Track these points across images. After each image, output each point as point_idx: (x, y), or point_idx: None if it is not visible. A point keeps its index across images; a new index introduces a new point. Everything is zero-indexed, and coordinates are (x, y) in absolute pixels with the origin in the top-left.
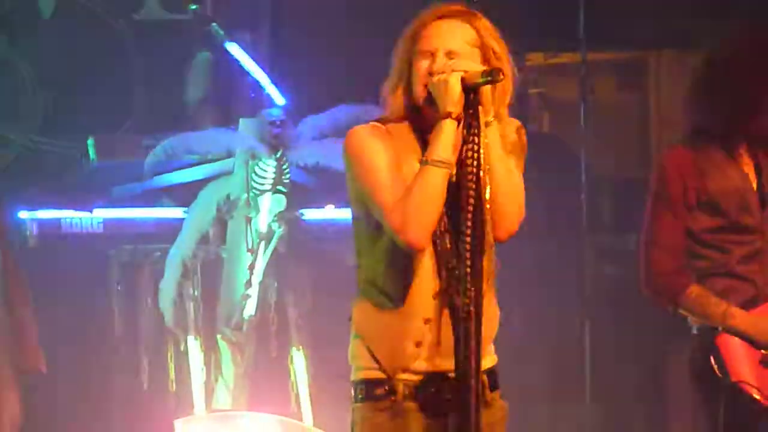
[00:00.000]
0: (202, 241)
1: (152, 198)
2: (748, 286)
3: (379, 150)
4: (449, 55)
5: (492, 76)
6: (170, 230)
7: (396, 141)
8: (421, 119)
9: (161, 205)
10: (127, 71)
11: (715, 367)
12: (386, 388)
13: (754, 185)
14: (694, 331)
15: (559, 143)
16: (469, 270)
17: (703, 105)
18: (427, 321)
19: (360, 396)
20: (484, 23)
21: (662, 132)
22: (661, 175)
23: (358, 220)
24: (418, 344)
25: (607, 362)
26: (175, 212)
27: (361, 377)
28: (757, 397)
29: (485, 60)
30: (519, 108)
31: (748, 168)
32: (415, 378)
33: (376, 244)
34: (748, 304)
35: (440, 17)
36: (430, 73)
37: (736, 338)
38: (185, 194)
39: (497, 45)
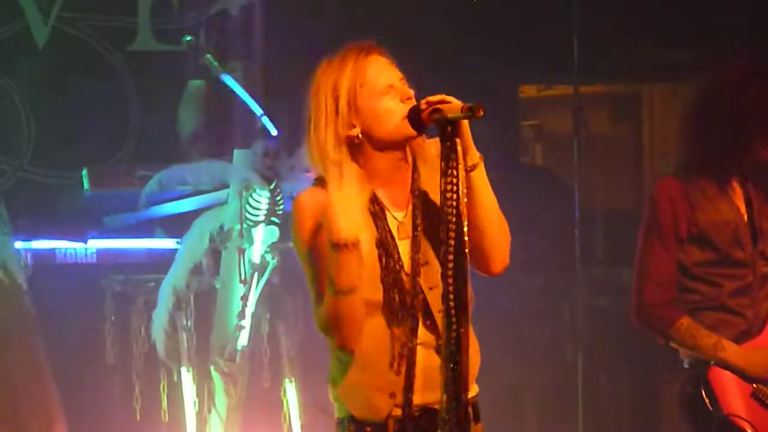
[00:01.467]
0: (195, 271)
1: (146, 228)
2: (739, 320)
3: (309, 231)
4: (402, 81)
5: (472, 112)
6: (163, 260)
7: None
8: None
9: (155, 236)
10: (120, 101)
11: (707, 400)
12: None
13: (746, 218)
14: (685, 365)
15: (552, 176)
16: (452, 304)
17: (694, 137)
18: (398, 373)
19: (350, 430)
20: (387, 53)
21: (656, 164)
22: (652, 205)
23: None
24: (392, 395)
25: (600, 393)
26: (168, 243)
27: (349, 415)
28: (749, 431)
29: None
30: (512, 140)
31: (740, 201)
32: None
33: None
34: (739, 338)
35: (368, 54)
36: (408, 98)
37: (727, 371)
38: (179, 225)
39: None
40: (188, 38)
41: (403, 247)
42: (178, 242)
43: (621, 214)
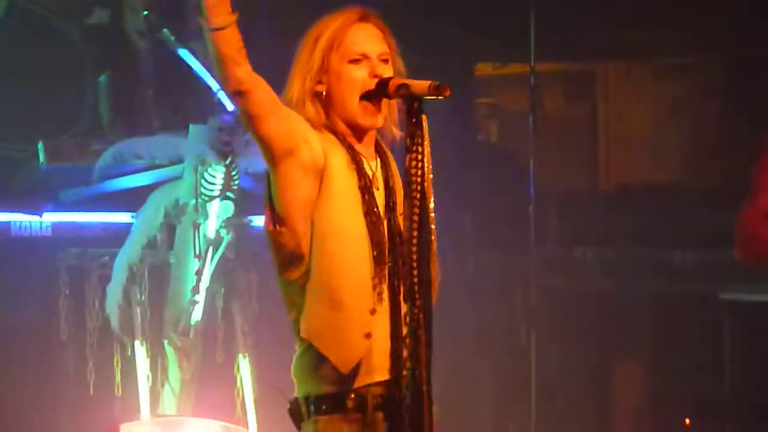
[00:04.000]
0: (149, 246)
1: (101, 202)
2: None
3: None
4: (381, 58)
5: (439, 90)
6: (118, 235)
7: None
8: (335, 128)
9: (109, 210)
10: (77, 75)
11: None
12: (354, 400)
13: None
14: None
15: (507, 154)
16: (416, 279)
17: None
18: (372, 312)
19: (324, 408)
20: (389, 31)
21: (611, 144)
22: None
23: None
24: (367, 335)
25: (553, 373)
26: (123, 217)
27: (323, 392)
28: None
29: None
30: (467, 118)
31: None
32: (379, 389)
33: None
34: None
35: (360, 20)
36: (376, 75)
37: None
38: (134, 199)
39: (397, 56)
40: (145, 12)
41: (378, 197)
42: (133, 216)
43: (576, 193)
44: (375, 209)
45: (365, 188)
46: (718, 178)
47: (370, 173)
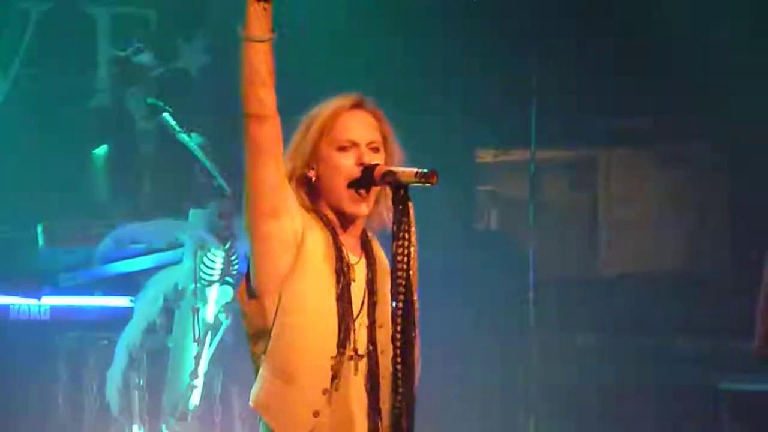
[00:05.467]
0: (148, 330)
1: (100, 286)
2: None
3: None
4: (371, 147)
5: (426, 177)
6: (117, 319)
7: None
8: (322, 213)
9: (109, 294)
10: (78, 156)
11: None
12: None
13: None
14: None
15: (507, 241)
16: (400, 369)
17: None
18: (325, 392)
19: None
20: (385, 119)
21: (611, 230)
22: None
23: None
24: (315, 414)
25: None
26: (122, 301)
27: None
28: None
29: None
30: (468, 204)
31: None
32: None
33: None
34: None
35: (353, 107)
36: (362, 164)
37: None
38: (133, 283)
39: (393, 143)
40: (150, 100)
41: (355, 288)
42: (132, 300)
43: (576, 279)
44: (347, 294)
45: (341, 271)
46: (720, 267)
47: (348, 262)
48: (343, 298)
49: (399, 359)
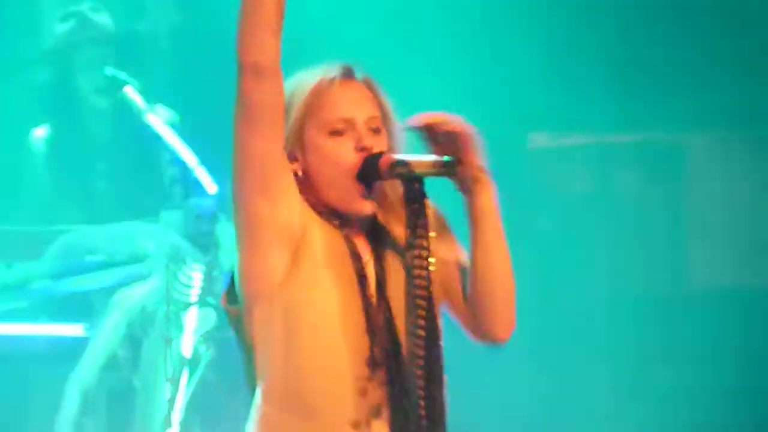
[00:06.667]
0: (108, 365)
1: (46, 310)
2: None
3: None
4: (370, 124)
5: (448, 167)
6: (68, 351)
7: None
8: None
9: (57, 320)
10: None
11: None
12: None
13: None
14: None
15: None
16: (423, 405)
17: None
18: (356, 425)
19: None
20: (382, 90)
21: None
22: None
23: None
24: None
25: None
26: (74, 329)
27: None
28: None
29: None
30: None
31: None
32: None
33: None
34: None
35: (342, 78)
36: (363, 148)
37: None
38: (88, 306)
39: (394, 121)
40: (110, 71)
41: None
42: (87, 329)
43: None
44: (372, 299)
45: (361, 273)
46: None
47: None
48: (368, 301)
49: (422, 400)
